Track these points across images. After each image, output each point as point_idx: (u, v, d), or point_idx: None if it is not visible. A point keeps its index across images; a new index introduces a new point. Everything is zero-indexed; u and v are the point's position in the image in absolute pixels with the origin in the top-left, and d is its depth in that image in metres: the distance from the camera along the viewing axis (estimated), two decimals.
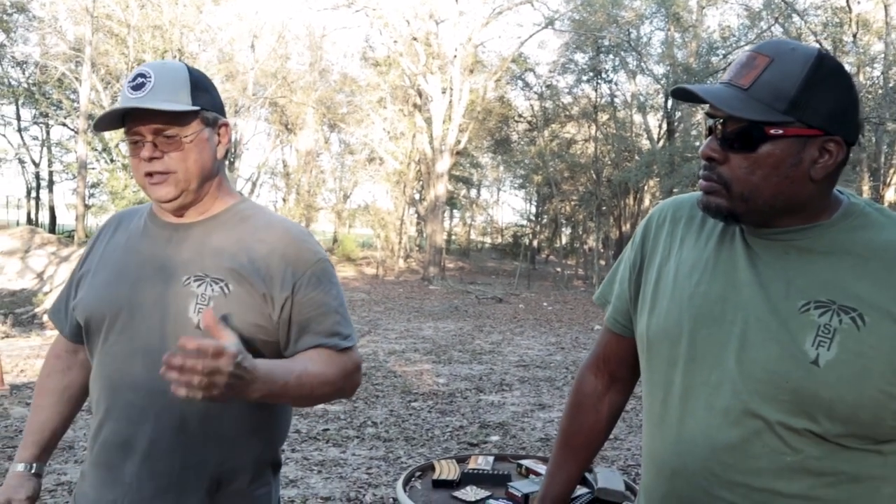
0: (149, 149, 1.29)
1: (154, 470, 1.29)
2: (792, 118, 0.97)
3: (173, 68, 1.32)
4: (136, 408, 1.29)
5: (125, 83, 1.31)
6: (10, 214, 30.08)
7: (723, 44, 19.01)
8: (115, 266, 1.38)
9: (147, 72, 1.29)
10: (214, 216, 1.38)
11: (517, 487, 1.98)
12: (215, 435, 1.31)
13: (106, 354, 1.34)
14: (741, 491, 1.01)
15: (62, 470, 4.16)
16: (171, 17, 17.92)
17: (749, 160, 1.00)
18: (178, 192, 1.31)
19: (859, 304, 0.96)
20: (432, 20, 20.90)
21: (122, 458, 1.31)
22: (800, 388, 0.96)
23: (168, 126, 1.29)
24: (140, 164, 1.30)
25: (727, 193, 1.02)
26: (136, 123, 1.28)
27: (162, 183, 1.30)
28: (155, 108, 1.26)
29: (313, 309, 1.33)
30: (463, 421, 5.65)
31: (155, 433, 1.29)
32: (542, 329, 11.74)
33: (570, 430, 1.36)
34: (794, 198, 1.01)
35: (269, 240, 1.34)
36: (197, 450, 1.30)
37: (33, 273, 13.28)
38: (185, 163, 1.30)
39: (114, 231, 1.45)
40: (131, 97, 1.27)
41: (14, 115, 26.72)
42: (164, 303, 1.31)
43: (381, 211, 24.88)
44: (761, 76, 0.98)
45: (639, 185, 21.53)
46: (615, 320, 1.30)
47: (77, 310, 1.40)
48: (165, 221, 1.39)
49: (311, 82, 25.52)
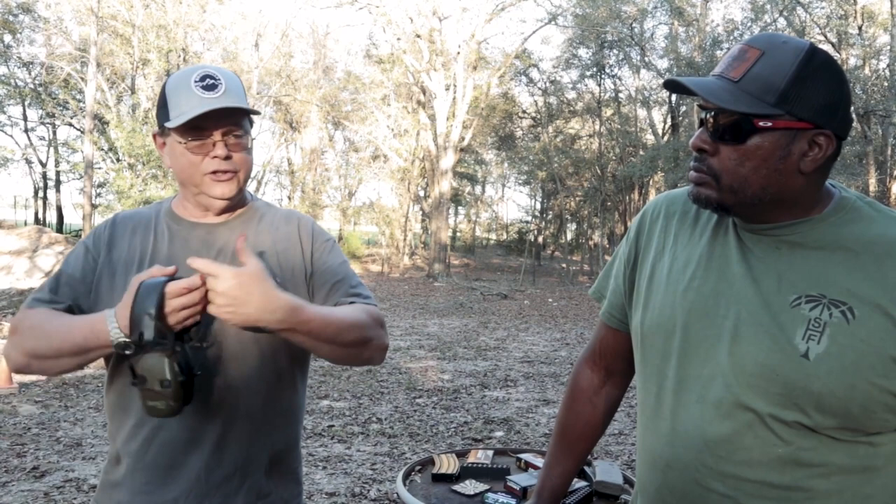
0: (222, 147, 1.32)
1: (223, 459, 1.34)
2: (781, 111, 0.97)
3: (234, 76, 1.36)
4: (201, 403, 1.30)
5: (189, 82, 1.30)
6: (18, 214, 30.26)
7: (727, 38, 18.90)
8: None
9: (215, 74, 1.32)
10: (238, 215, 1.44)
11: (516, 481, 2.00)
12: (273, 419, 1.39)
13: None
14: (733, 483, 1.02)
15: (70, 467, 4.19)
16: (176, 16, 17.96)
17: (739, 152, 1.00)
18: (237, 191, 1.36)
19: (849, 297, 0.97)
20: (435, 17, 20.86)
21: (186, 454, 1.32)
22: (790, 381, 0.97)
23: (237, 128, 1.33)
24: (203, 162, 1.32)
25: (716, 185, 1.03)
26: (209, 122, 1.30)
27: (228, 181, 1.34)
28: (236, 108, 1.29)
29: (332, 276, 1.41)
30: (467, 417, 5.67)
31: (226, 424, 1.33)
32: (547, 325, 11.74)
33: (566, 423, 1.38)
34: (783, 191, 1.01)
35: (288, 228, 1.44)
36: (260, 435, 1.37)
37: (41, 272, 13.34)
38: (246, 164, 1.36)
39: (131, 233, 1.41)
40: (205, 97, 1.29)
41: (21, 116, 26.83)
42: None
43: (385, 208, 24.90)
44: (752, 69, 0.98)
45: (643, 181, 21.46)
46: (610, 315, 1.31)
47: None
48: (192, 221, 1.41)
49: (315, 80, 25.55)
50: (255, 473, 1.37)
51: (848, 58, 16.75)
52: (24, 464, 4.21)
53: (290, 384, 1.43)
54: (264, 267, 1.13)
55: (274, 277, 1.31)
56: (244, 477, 1.36)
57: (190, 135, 1.31)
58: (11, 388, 5.91)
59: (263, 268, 1.13)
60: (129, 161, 16.35)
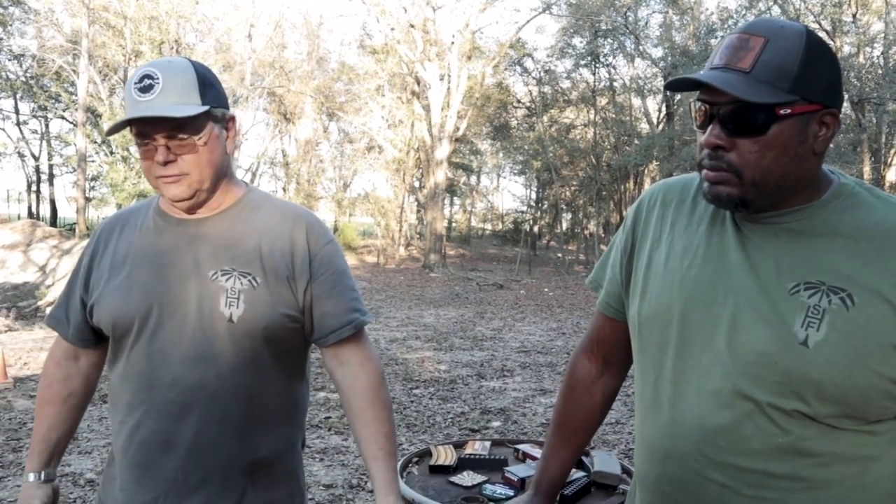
0: (162, 153, 1.26)
1: (199, 462, 1.32)
2: (797, 96, 0.96)
3: (180, 67, 1.28)
4: (177, 404, 1.31)
5: (130, 84, 1.26)
6: (12, 208, 30.12)
7: (721, 26, 18.86)
8: (133, 267, 1.36)
9: (153, 72, 1.25)
10: (227, 209, 1.39)
11: (514, 472, 1.99)
12: (256, 422, 1.36)
13: (138, 355, 1.33)
14: (732, 472, 1.02)
15: (67, 461, 4.18)
16: (168, 7, 17.81)
17: (759, 143, 0.98)
18: (191, 192, 1.31)
19: (849, 284, 0.96)
20: (429, 7, 20.74)
21: (162, 454, 1.32)
22: (789, 369, 0.97)
23: (180, 130, 1.26)
24: (152, 167, 1.29)
25: (738, 181, 1.00)
26: (147, 128, 1.26)
27: (175, 183, 1.29)
28: (167, 117, 1.23)
29: (331, 287, 1.39)
30: (464, 407, 5.68)
31: (199, 427, 1.31)
32: (544, 315, 11.75)
33: (564, 414, 1.37)
34: (801, 175, 1.01)
35: (284, 226, 1.39)
36: (241, 438, 1.34)
37: (36, 266, 13.29)
38: (199, 165, 1.29)
39: (119, 233, 1.42)
40: (140, 100, 1.24)
41: (13, 109, 26.67)
42: (194, 299, 1.32)
43: (381, 199, 24.84)
44: (761, 57, 0.96)
45: (638, 170, 21.48)
46: (608, 304, 1.30)
47: (99, 315, 1.37)
48: (178, 218, 1.38)
49: (309, 71, 25.42)
50: (237, 477, 1.35)
51: (842, 45, 16.73)
52: (19, 458, 4.20)
53: (281, 388, 1.40)
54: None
55: (254, 276, 1.33)
56: (225, 479, 1.34)
57: (137, 139, 1.28)
58: (6, 383, 5.89)
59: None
60: (122, 154, 16.27)
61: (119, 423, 1.36)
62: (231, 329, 1.31)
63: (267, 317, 1.33)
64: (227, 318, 1.31)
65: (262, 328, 1.33)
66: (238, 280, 1.32)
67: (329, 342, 1.41)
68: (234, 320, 1.31)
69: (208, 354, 1.31)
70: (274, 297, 1.34)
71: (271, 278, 1.35)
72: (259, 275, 1.34)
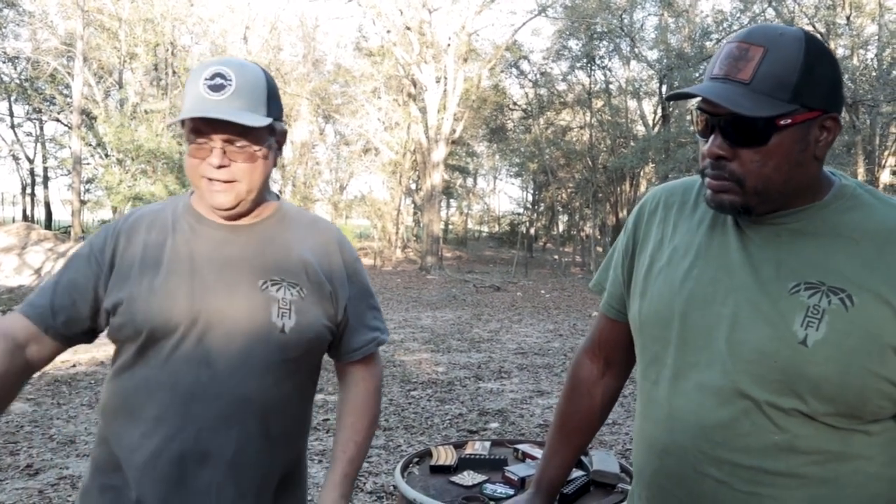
0: (217, 155, 1.22)
1: (239, 476, 1.28)
2: (797, 105, 0.97)
3: (253, 73, 1.25)
4: (218, 417, 1.25)
5: (198, 78, 1.22)
6: (6, 211, 30.00)
7: (716, 28, 18.93)
8: (173, 271, 1.28)
9: (226, 72, 1.22)
10: (266, 219, 1.36)
11: (514, 471, 2.00)
12: (288, 434, 1.35)
13: (177, 364, 1.25)
14: (729, 468, 1.03)
15: (64, 464, 4.17)
16: (163, 9, 17.81)
17: (761, 153, 0.99)
18: (237, 202, 1.27)
19: (848, 285, 0.97)
20: (425, 9, 20.76)
21: (199, 470, 1.25)
22: (788, 368, 0.98)
23: (242, 136, 1.23)
24: (201, 166, 1.24)
25: (740, 189, 1.01)
26: (207, 127, 1.21)
27: (223, 191, 1.25)
28: (238, 122, 1.19)
29: (360, 301, 1.42)
30: (462, 409, 5.68)
31: (242, 440, 1.27)
32: (541, 316, 11.77)
33: (566, 414, 1.38)
34: (803, 180, 1.02)
35: (321, 239, 1.40)
36: (274, 452, 1.32)
37: (31, 269, 13.27)
38: (251, 175, 1.26)
39: (146, 232, 1.32)
40: (208, 98, 1.20)
41: (7, 112, 26.60)
42: (244, 309, 1.27)
43: (377, 201, 24.85)
44: (760, 67, 0.97)
45: (634, 172, 21.50)
46: (610, 306, 1.31)
47: (131, 316, 1.25)
48: (219, 223, 1.33)
49: (305, 73, 25.43)
50: (267, 493, 1.33)
51: (836, 48, 16.81)
52: (17, 462, 4.19)
53: (309, 397, 1.41)
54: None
55: (301, 287, 1.32)
56: (258, 497, 1.31)
57: (193, 135, 1.23)
58: None
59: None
60: (117, 156, 16.25)
61: (141, 435, 1.26)
62: (282, 340, 1.29)
63: (315, 328, 1.32)
64: (279, 328, 1.28)
65: (309, 340, 1.32)
66: (288, 291, 1.30)
67: (354, 358, 1.44)
68: (286, 331, 1.28)
69: (258, 365, 1.27)
70: (318, 308, 1.33)
71: (315, 290, 1.34)
72: (305, 286, 1.33)
